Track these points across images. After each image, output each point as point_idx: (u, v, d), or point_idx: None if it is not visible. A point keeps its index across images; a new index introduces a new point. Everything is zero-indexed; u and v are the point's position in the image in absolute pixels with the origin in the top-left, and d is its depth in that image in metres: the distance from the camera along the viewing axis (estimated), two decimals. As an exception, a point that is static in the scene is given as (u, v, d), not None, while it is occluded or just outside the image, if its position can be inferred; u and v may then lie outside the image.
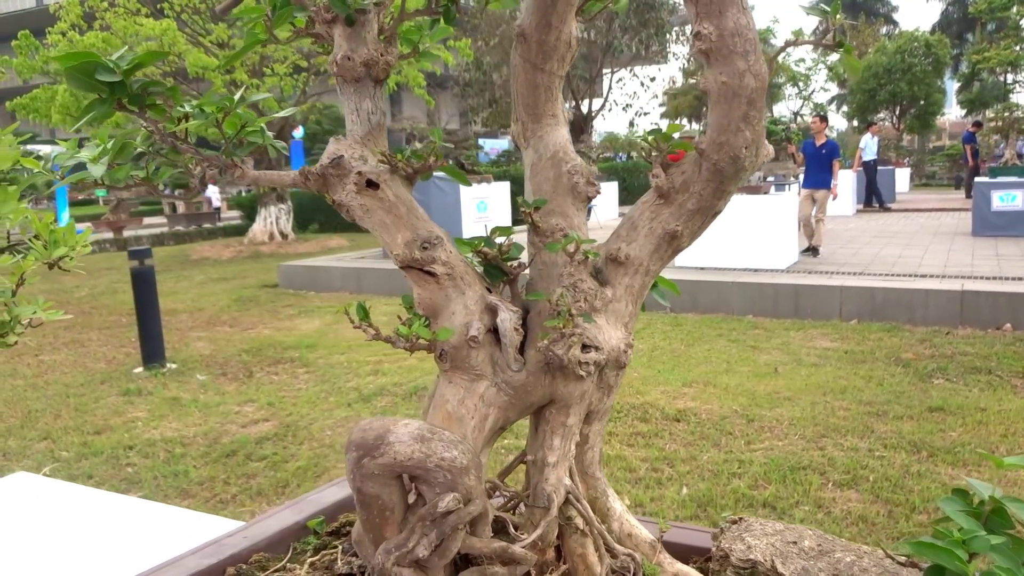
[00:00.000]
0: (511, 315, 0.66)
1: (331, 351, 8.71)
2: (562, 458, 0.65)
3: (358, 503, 0.61)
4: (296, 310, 11.52)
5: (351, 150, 0.66)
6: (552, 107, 0.68)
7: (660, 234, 0.67)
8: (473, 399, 0.64)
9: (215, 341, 9.55)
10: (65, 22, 18.63)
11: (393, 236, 0.65)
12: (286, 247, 18.77)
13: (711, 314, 10.20)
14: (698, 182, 0.66)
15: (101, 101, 0.62)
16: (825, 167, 12.37)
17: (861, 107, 37.51)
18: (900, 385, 7.06)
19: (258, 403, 6.92)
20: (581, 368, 0.64)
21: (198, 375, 7.95)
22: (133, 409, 6.90)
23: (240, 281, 14.44)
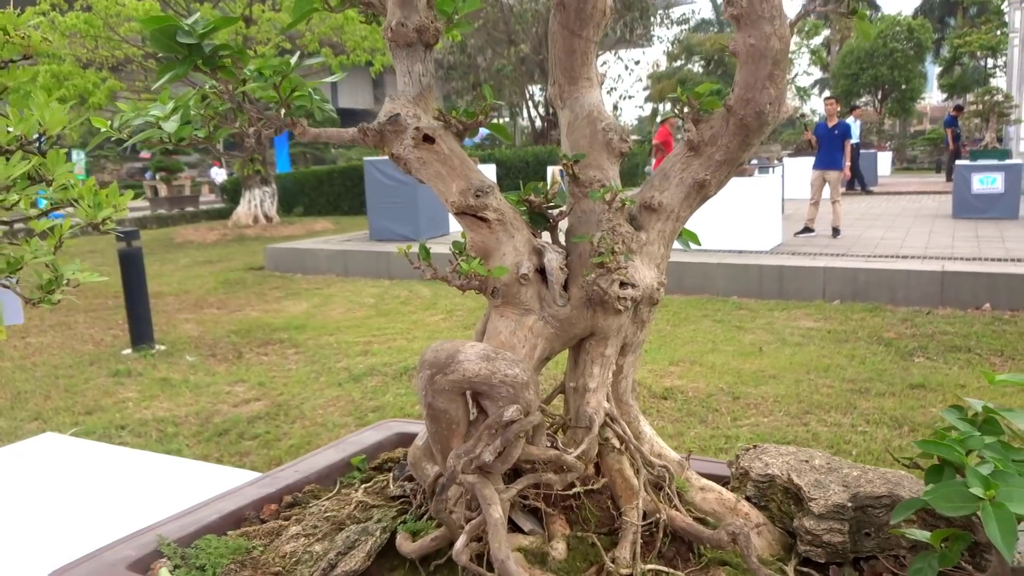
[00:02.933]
0: (557, 255, 0.72)
1: (320, 332, 8.73)
2: (601, 384, 0.71)
3: (428, 417, 0.66)
4: (283, 292, 11.51)
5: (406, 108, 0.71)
6: (588, 71, 0.73)
7: (690, 183, 0.73)
8: (523, 331, 0.70)
9: (203, 323, 9.55)
10: (46, 2, 18.39)
11: (448, 185, 0.70)
12: (271, 230, 18.70)
13: (697, 295, 10.30)
14: (725, 135, 0.72)
15: (180, 61, 0.66)
16: (837, 147, 12.36)
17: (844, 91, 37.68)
18: (882, 363, 7.17)
19: (249, 383, 6.94)
20: (620, 303, 0.69)
21: (187, 356, 7.95)
22: (123, 390, 6.91)
23: (226, 264, 14.39)
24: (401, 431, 0.93)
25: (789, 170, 17.07)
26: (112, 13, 17.87)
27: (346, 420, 5.80)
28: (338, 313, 9.90)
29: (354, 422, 5.72)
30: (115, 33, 18.47)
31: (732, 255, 10.70)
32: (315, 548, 0.69)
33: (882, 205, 17.73)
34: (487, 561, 0.62)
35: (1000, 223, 12.99)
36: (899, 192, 20.57)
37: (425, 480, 0.71)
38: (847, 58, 37.59)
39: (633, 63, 35.13)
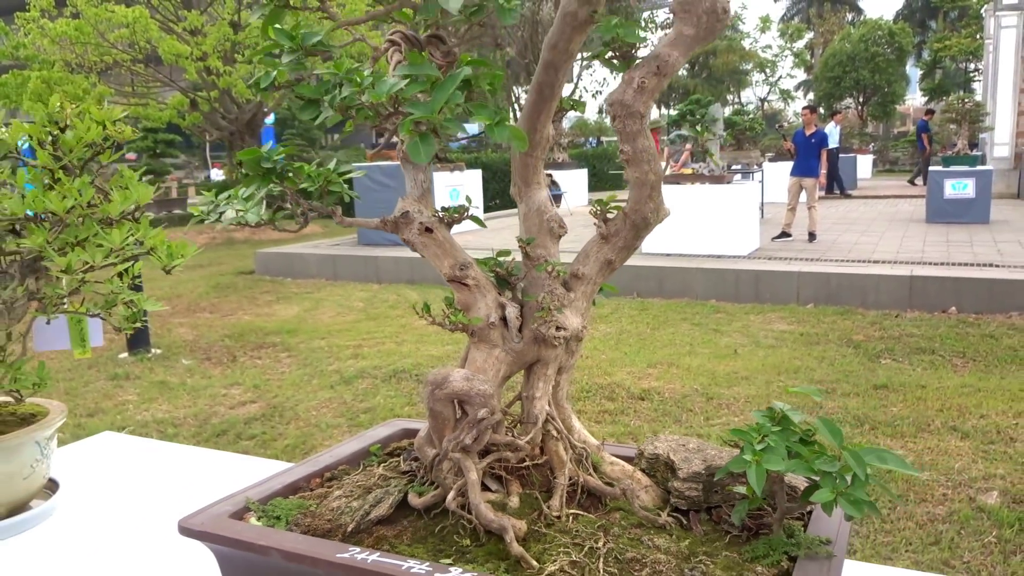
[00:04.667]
0: (514, 309, 1.04)
1: (311, 336, 8.99)
2: (544, 394, 1.02)
3: (430, 416, 0.98)
4: (274, 296, 11.76)
5: (413, 206, 1.02)
6: (537, 177, 1.05)
7: (602, 261, 1.04)
8: (492, 359, 1.02)
9: (197, 327, 9.79)
10: (36, 8, 18.55)
11: (442, 261, 1.02)
12: (259, 234, 18.91)
13: (676, 299, 10.57)
14: (624, 231, 1.03)
15: (261, 178, 0.96)
16: (814, 155, 12.74)
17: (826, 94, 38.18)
18: (850, 365, 7.46)
19: (244, 386, 7.20)
20: (555, 341, 1.01)
21: (183, 360, 8.20)
22: (123, 392, 7.15)
23: (216, 268, 14.61)
24: (405, 427, 1.25)
25: (769, 175, 17.44)
26: (102, 19, 18.07)
27: (339, 421, 6.09)
28: (328, 317, 10.15)
29: (346, 423, 6.01)
30: (104, 39, 18.69)
31: (711, 260, 11.03)
32: (353, 504, 1.01)
33: (859, 209, 18.12)
34: (468, 509, 0.95)
35: (971, 228, 13.39)
36: (877, 196, 21.00)
37: (427, 459, 1.03)
38: (829, 61, 38.09)
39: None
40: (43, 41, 18.41)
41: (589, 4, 0.91)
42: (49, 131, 1.30)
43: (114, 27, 18.30)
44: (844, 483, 0.84)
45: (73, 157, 1.27)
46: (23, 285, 1.28)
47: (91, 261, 1.17)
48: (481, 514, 0.92)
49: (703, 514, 0.99)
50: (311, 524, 0.98)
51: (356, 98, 0.85)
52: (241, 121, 20.84)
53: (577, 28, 0.93)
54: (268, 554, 0.93)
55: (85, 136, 1.28)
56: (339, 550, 0.89)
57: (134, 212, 1.28)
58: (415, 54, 0.88)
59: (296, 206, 1.01)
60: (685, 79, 44.93)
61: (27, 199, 1.18)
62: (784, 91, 50.18)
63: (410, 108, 0.83)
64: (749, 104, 53.09)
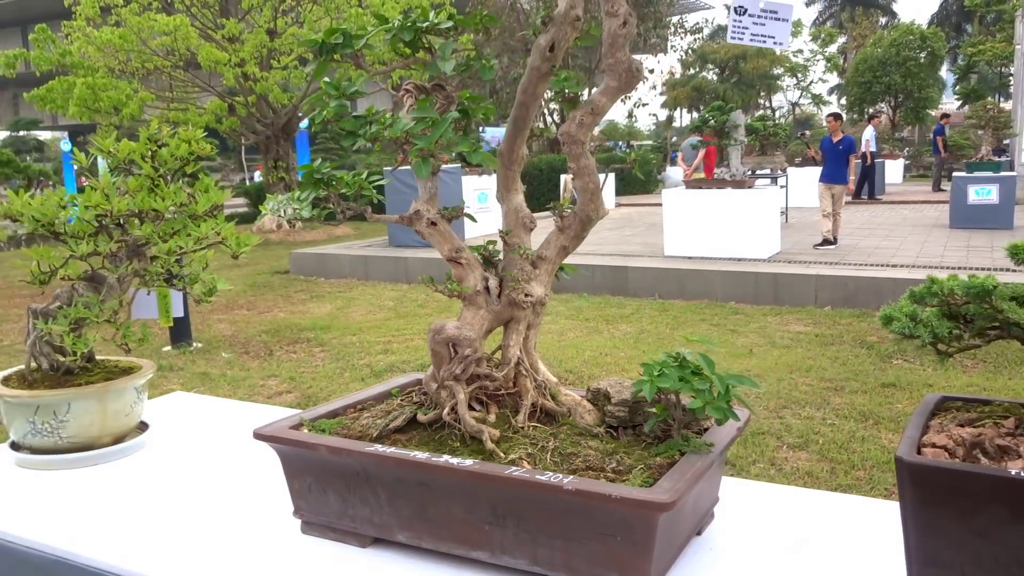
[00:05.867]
0: (495, 281, 1.41)
1: (343, 332, 9.41)
2: (516, 343, 1.38)
3: (432, 354, 1.36)
4: (308, 295, 12.22)
5: (423, 207, 1.40)
6: (515, 185, 1.41)
7: (559, 247, 1.40)
8: (477, 317, 1.38)
9: (235, 323, 10.27)
10: (81, 17, 19.28)
11: (443, 246, 1.38)
12: (294, 235, 19.44)
13: (696, 300, 10.83)
14: (574, 225, 1.40)
15: (314, 184, 1.33)
16: (842, 162, 12.82)
17: (857, 99, 38.04)
18: (861, 365, 7.69)
19: (280, 378, 7.63)
20: (524, 304, 1.37)
21: (223, 353, 8.65)
22: (167, 383, 7.61)
23: (253, 268, 15.12)
24: (418, 378, 1.63)
25: (793, 180, 17.62)
26: (145, 27, 18.75)
27: (369, 409, 6.48)
28: (360, 315, 10.57)
29: (376, 411, 6.41)
30: (146, 46, 19.38)
31: (731, 263, 11.29)
32: (377, 421, 1.38)
33: (884, 214, 18.21)
34: (458, 421, 1.33)
35: (994, 233, 13.48)
36: (904, 201, 21.03)
37: (431, 390, 1.41)
38: (860, 66, 37.92)
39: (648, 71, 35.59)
40: (88, 48, 19.14)
41: (548, 61, 1.28)
42: (149, 148, 1.70)
43: (156, 35, 18.97)
44: (711, 396, 1.19)
45: (168, 168, 1.67)
46: (130, 264, 1.68)
47: (184, 247, 1.57)
48: (467, 423, 1.29)
49: (629, 430, 1.35)
50: (346, 433, 1.36)
51: (381, 133, 1.22)
52: (276, 125, 21.44)
53: (541, 78, 1.30)
54: (317, 450, 1.32)
55: (176, 152, 1.67)
56: (367, 446, 1.28)
57: (212, 210, 1.67)
58: (422, 101, 1.25)
59: (337, 206, 1.38)
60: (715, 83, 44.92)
61: (136, 199, 1.58)
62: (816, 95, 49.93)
63: (416, 140, 1.19)
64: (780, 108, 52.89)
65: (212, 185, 1.70)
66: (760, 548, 1.36)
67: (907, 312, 1.12)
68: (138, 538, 1.50)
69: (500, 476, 1.16)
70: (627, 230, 16.37)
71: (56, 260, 1.68)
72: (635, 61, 1.24)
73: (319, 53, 1.33)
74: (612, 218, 19.24)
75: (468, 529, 1.23)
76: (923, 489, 0.96)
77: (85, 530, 1.54)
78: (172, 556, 1.43)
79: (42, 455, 1.83)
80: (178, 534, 1.52)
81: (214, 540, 1.48)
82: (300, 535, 1.44)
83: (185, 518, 1.58)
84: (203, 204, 1.64)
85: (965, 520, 0.93)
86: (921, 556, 0.98)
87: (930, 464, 0.97)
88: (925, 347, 1.11)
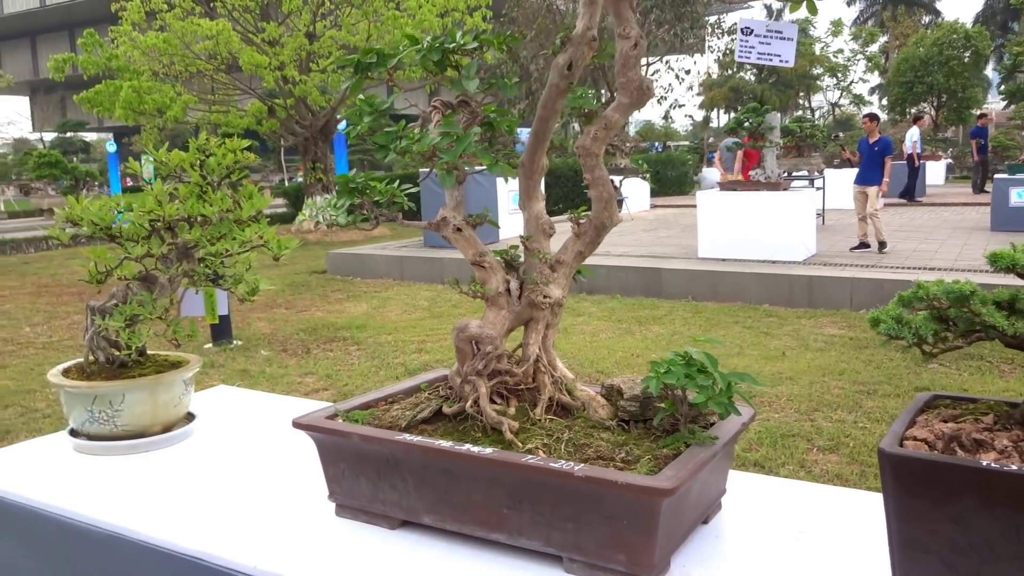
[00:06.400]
0: (516, 283, 1.51)
1: (379, 332, 9.56)
2: (535, 341, 1.48)
3: (457, 351, 1.46)
4: (345, 294, 12.41)
5: (450, 213, 1.50)
6: (536, 193, 1.51)
7: (576, 252, 1.50)
8: (499, 317, 1.48)
9: (274, 321, 10.48)
10: (127, 23, 19.75)
11: (467, 251, 1.49)
12: (332, 235, 19.70)
13: (730, 303, 10.79)
14: (589, 231, 1.49)
15: (349, 192, 1.45)
16: (877, 164, 12.62)
17: (898, 99, 37.47)
18: (896, 368, 7.62)
19: (317, 375, 7.80)
20: (543, 305, 1.47)
21: (262, 351, 8.85)
22: (208, 379, 7.81)
23: (292, 267, 15.37)
24: (446, 374, 1.74)
25: (830, 182, 17.47)
26: (188, 32, 19.16)
27: (403, 407, 6.61)
28: (395, 314, 10.72)
29: (410, 409, 6.54)
30: (189, 50, 19.80)
31: (765, 265, 11.26)
32: (406, 412, 1.49)
33: (924, 217, 17.97)
34: (480, 413, 1.44)
35: (1036, 236, 13.25)
36: (944, 204, 20.72)
37: (456, 384, 1.52)
38: (902, 66, 37.34)
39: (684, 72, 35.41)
40: (134, 53, 19.60)
41: (566, 79, 1.38)
42: (198, 157, 1.83)
43: (199, 39, 19.37)
44: (713, 392, 1.28)
45: (215, 176, 1.79)
46: (180, 266, 1.81)
47: (231, 249, 1.69)
48: (488, 415, 1.40)
49: (640, 424, 1.44)
50: (377, 423, 1.48)
51: (410, 147, 1.32)
52: (315, 127, 21.74)
53: (559, 94, 1.39)
54: (350, 438, 1.43)
55: (223, 161, 1.80)
56: (395, 435, 1.39)
57: (256, 215, 1.80)
58: (448, 118, 1.35)
59: (371, 212, 1.49)
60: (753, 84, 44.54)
61: (186, 205, 1.71)
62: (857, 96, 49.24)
63: (442, 154, 1.30)
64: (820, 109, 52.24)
65: (256, 192, 1.82)
66: (764, 537, 1.44)
67: (893, 315, 1.20)
68: (185, 517, 1.64)
69: (517, 463, 1.26)
70: (662, 231, 16.36)
71: (112, 261, 1.82)
72: (646, 79, 1.33)
73: (355, 71, 1.44)
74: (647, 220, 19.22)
75: (488, 512, 1.33)
76: (903, 479, 1.04)
77: (137, 509, 1.68)
78: (216, 534, 1.55)
79: (98, 441, 1.98)
80: (222, 515, 1.64)
81: (255, 521, 1.60)
82: (334, 517, 1.56)
83: (228, 500, 1.71)
84: (247, 210, 1.77)
85: (941, 508, 1.01)
86: (901, 541, 1.06)
87: (909, 455, 1.04)
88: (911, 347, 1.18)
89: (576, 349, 8.40)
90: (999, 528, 0.97)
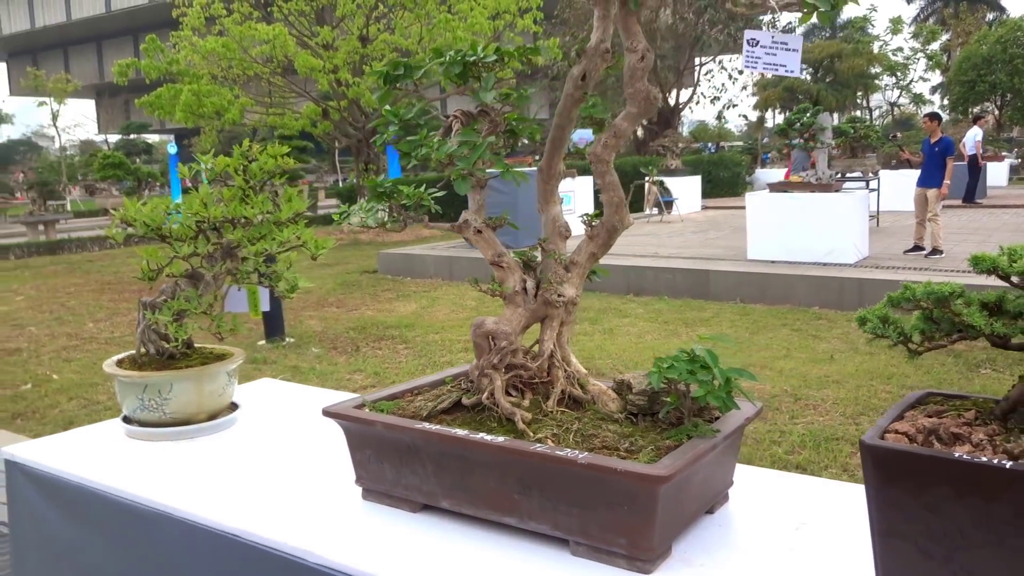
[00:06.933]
0: (532, 282, 1.60)
1: (427, 331, 9.69)
2: (550, 338, 1.56)
3: (474, 346, 1.55)
4: (395, 294, 12.60)
5: (471, 216, 1.60)
6: (553, 197, 1.59)
7: (589, 253, 1.58)
8: (516, 314, 1.57)
9: (325, 320, 10.70)
10: (187, 28, 20.32)
11: (487, 251, 1.58)
12: (383, 236, 19.97)
13: (778, 305, 10.67)
14: (602, 234, 1.57)
15: (379, 196, 1.55)
16: (939, 165, 12.23)
17: (960, 98, 36.49)
18: (947, 373, 7.48)
19: (365, 372, 7.96)
20: (557, 303, 1.55)
21: (313, 348, 9.05)
22: (261, 375, 8.00)
23: (343, 267, 15.64)
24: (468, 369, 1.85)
25: (887, 183, 17.14)
26: (246, 36, 19.64)
27: (447, 404, 6.73)
28: (443, 314, 10.86)
29: (454, 406, 6.65)
30: (247, 54, 20.30)
31: (816, 267, 11.12)
32: (428, 404, 1.60)
33: (982, 219, 17.52)
34: (495, 404, 1.53)
35: (1100, 239, 12.86)
36: (1005, 206, 20.15)
37: (474, 377, 1.61)
38: (964, 64, 36.36)
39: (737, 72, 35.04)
40: (194, 57, 20.16)
41: (580, 89, 1.46)
42: (242, 163, 1.95)
43: (256, 43, 19.84)
44: (711, 386, 1.35)
45: (257, 181, 1.92)
46: (224, 264, 1.94)
47: (270, 249, 1.81)
48: (502, 406, 1.49)
49: (648, 417, 1.51)
50: (401, 413, 1.58)
51: (430, 154, 1.42)
52: (368, 129, 22.08)
53: (574, 103, 1.48)
54: (374, 426, 1.54)
55: (265, 166, 1.92)
56: (416, 423, 1.49)
57: (295, 217, 1.91)
58: (467, 128, 1.45)
59: (399, 215, 1.59)
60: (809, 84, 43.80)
61: (230, 207, 1.84)
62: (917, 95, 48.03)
63: (459, 161, 1.39)
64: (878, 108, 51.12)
65: (295, 195, 1.94)
66: (765, 527, 1.50)
67: (879, 315, 1.25)
68: (226, 498, 1.77)
69: (525, 451, 1.35)
70: (712, 233, 16.25)
71: (162, 259, 1.95)
72: (652, 90, 1.41)
73: (384, 82, 1.54)
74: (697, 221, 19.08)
75: (500, 497, 1.42)
76: (882, 469, 1.09)
77: (182, 490, 1.82)
78: (254, 514, 1.68)
79: (149, 428, 2.14)
80: (260, 496, 1.77)
81: (290, 502, 1.72)
82: (361, 501, 1.67)
83: (266, 483, 1.84)
84: (286, 212, 1.89)
85: (917, 497, 1.06)
86: (881, 528, 1.11)
87: (888, 447, 1.10)
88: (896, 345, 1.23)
89: (621, 350, 8.43)
90: (970, 516, 1.02)
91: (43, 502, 2.01)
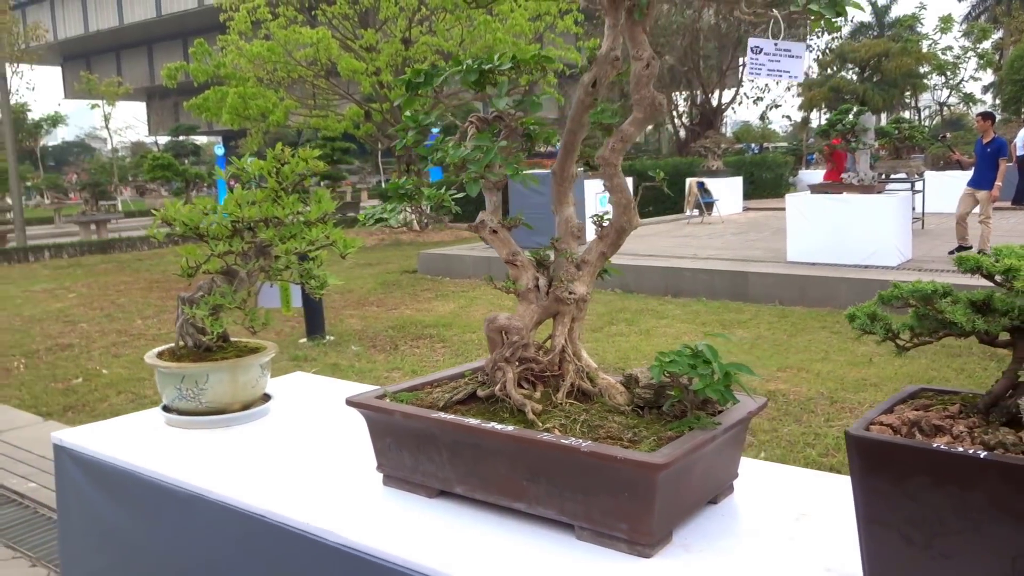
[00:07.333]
0: (544, 280, 1.67)
1: (464, 330, 9.81)
2: (562, 333, 1.63)
3: (488, 340, 1.63)
4: (433, 294, 12.75)
5: (487, 217, 1.67)
6: (567, 198, 1.66)
7: (599, 252, 1.64)
8: (529, 310, 1.64)
9: (365, 318, 10.88)
10: (234, 32, 20.72)
11: (502, 250, 1.65)
12: (423, 236, 20.20)
13: (818, 308, 10.58)
14: (611, 233, 1.63)
15: (399, 199, 1.64)
16: (991, 165, 11.95)
17: (1013, 97, 35.61)
18: (989, 378, 7.37)
19: (403, 370, 8.08)
20: (568, 299, 1.62)
21: (352, 346, 9.21)
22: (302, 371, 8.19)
23: (384, 267, 15.86)
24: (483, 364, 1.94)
25: (933, 185, 16.84)
26: (291, 40, 19.98)
27: (482, 402, 6.82)
28: (480, 314, 10.95)
29: (488, 404, 6.74)
30: (291, 57, 20.64)
31: (856, 270, 11.01)
32: (445, 395, 1.68)
33: (1033, 221, 17.12)
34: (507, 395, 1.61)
35: None
36: (1057, 207, 19.65)
37: (489, 370, 1.69)
38: (1017, 63, 35.48)
39: (782, 72, 34.60)
40: (240, 60, 20.56)
41: (591, 95, 1.53)
42: (274, 166, 2.06)
43: (300, 46, 20.16)
44: (710, 380, 1.41)
45: (289, 182, 2.02)
46: (257, 262, 2.05)
47: (299, 248, 1.92)
48: (513, 398, 1.56)
49: (654, 410, 1.58)
50: (419, 403, 1.67)
51: (444, 158, 1.51)
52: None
53: (585, 109, 1.55)
54: (393, 415, 1.63)
55: (296, 169, 2.03)
56: (432, 412, 1.58)
57: (324, 217, 2.01)
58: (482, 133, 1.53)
59: (420, 216, 1.68)
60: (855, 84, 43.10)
61: (263, 208, 1.94)
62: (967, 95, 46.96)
63: (471, 165, 1.47)
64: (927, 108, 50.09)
65: (325, 196, 2.04)
66: (766, 517, 1.55)
67: (867, 312, 1.29)
68: (257, 482, 1.88)
69: (532, 439, 1.43)
70: (752, 234, 16.13)
71: (200, 257, 2.07)
72: (658, 96, 1.47)
73: (406, 89, 1.63)
74: (738, 222, 18.94)
75: (510, 484, 1.50)
76: (866, 459, 1.14)
77: (216, 474, 1.93)
78: (283, 497, 1.78)
79: (186, 416, 2.26)
80: (289, 481, 1.87)
81: (317, 487, 1.83)
82: (382, 486, 1.77)
83: (295, 469, 1.95)
84: (315, 212, 1.99)
85: (899, 486, 1.11)
86: (866, 515, 1.16)
87: (871, 438, 1.15)
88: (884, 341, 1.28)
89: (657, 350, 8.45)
90: (948, 504, 1.07)
91: (88, 485, 2.15)
